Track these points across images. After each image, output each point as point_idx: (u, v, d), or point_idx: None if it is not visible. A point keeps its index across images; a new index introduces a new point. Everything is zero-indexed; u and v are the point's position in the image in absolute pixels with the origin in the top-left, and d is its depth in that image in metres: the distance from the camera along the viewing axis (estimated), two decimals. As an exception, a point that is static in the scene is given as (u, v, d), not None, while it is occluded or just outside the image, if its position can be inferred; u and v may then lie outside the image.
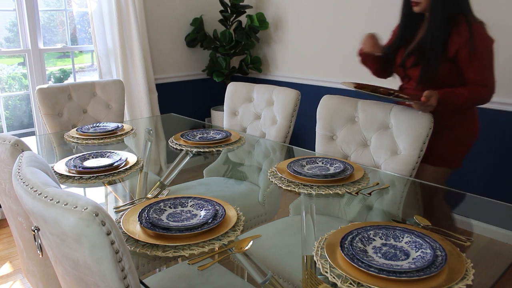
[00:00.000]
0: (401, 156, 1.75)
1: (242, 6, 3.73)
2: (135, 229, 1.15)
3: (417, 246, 1.04)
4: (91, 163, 1.66)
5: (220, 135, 2.06)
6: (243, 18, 3.87)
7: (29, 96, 3.25)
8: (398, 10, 1.94)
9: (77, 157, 1.71)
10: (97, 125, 2.27)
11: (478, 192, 1.50)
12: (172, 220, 1.19)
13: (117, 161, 1.66)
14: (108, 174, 1.59)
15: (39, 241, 0.95)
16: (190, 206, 1.28)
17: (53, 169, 1.61)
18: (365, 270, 0.94)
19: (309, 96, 3.40)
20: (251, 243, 1.12)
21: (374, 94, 1.77)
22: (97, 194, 1.54)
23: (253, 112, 2.41)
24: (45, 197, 0.81)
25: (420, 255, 1.01)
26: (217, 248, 1.10)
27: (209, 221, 1.17)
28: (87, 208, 0.76)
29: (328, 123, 1.98)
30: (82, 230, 0.76)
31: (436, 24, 1.76)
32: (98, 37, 3.38)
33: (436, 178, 1.88)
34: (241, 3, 3.74)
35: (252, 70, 3.97)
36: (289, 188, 1.49)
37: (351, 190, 1.46)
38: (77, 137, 2.13)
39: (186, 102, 4.08)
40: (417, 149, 1.71)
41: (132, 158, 1.74)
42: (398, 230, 1.11)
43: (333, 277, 0.95)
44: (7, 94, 3.26)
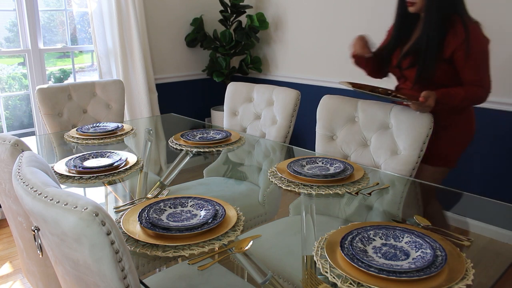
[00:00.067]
0: (401, 156, 1.75)
1: (242, 6, 3.73)
2: (135, 229, 1.15)
3: (417, 246, 1.04)
4: (91, 163, 1.66)
5: (220, 135, 2.06)
6: (243, 18, 3.87)
7: (29, 96, 3.25)
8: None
9: (77, 157, 1.71)
10: (97, 125, 2.27)
11: (478, 192, 1.50)
12: (172, 220, 1.20)
13: (117, 161, 1.66)
14: (108, 174, 1.59)
15: (39, 241, 0.95)
16: (190, 206, 1.28)
17: (53, 169, 1.61)
18: (365, 270, 0.94)
19: (309, 96, 3.40)
20: (251, 243, 1.13)
21: (372, 94, 1.77)
22: (97, 194, 1.54)
23: (253, 112, 2.41)
24: (45, 197, 0.81)
25: (420, 255, 1.01)
26: (217, 248, 1.10)
27: (209, 221, 1.17)
28: (87, 208, 0.76)
29: (328, 123, 1.98)
30: (82, 230, 0.76)
31: (432, 25, 1.75)
32: (98, 37, 3.38)
33: (434, 178, 1.89)
34: (241, 3, 3.74)
35: (252, 70, 3.97)
36: (289, 188, 1.49)
37: (351, 190, 1.46)
38: (77, 137, 2.13)
39: (186, 102, 4.08)
40: (417, 149, 1.71)
41: (132, 158, 1.74)
42: (398, 230, 1.11)
43: (333, 277, 0.96)
44: (7, 94, 3.26)
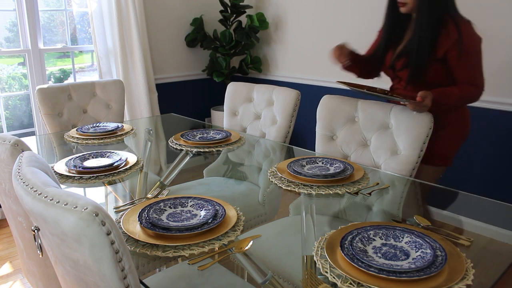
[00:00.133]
0: (401, 156, 1.75)
1: (242, 6, 3.73)
2: (135, 229, 1.15)
3: (417, 246, 1.04)
4: (91, 163, 1.66)
5: (220, 135, 2.06)
6: (243, 18, 3.87)
7: (29, 96, 3.25)
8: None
9: (77, 157, 1.71)
10: (97, 125, 2.27)
11: (478, 192, 1.50)
12: (172, 220, 1.19)
13: (117, 161, 1.66)
14: (108, 174, 1.59)
15: (39, 241, 0.95)
16: (190, 206, 1.28)
17: (53, 169, 1.61)
18: (365, 270, 0.94)
19: (309, 96, 3.40)
20: (251, 243, 1.12)
21: (370, 93, 1.77)
22: (97, 194, 1.54)
23: (253, 112, 2.41)
24: (45, 197, 0.81)
25: (420, 255, 1.01)
26: (217, 248, 1.10)
27: (209, 221, 1.17)
28: (87, 208, 0.76)
29: (328, 123, 1.98)
30: (82, 230, 0.76)
31: (423, 25, 1.74)
32: (98, 37, 3.38)
33: (433, 177, 1.89)
34: (241, 3, 3.74)
35: (252, 70, 3.97)
36: (289, 188, 1.49)
37: (351, 190, 1.46)
38: (77, 137, 2.13)
39: (186, 102, 4.08)
40: (417, 149, 1.71)
41: (132, 158, 1.74)
42: (398, 230, 1.11)
43: (333, 277, 0.95)
44: (7, 94, 3.26)
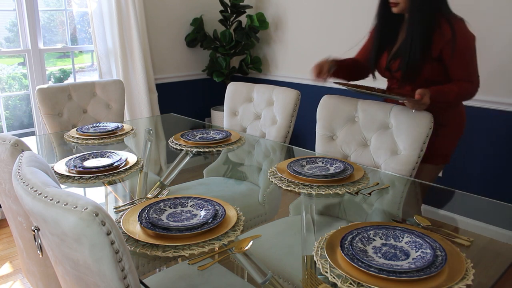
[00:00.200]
0: (401, 156, 1.75)
1: (242, 6, 3.73)
2: (135, 229, 1.15)
3: (417, 246, 1.04)
4: (91, 163, 1.66)
5: (220, 135, 2.06)
6: (243, 18, 3.87)
7: (29, 96, 3.25)
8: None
9: (77, 157, 1.71)
10: (97, 125, 2.27)
11: (478, 192, 1.50)
12: (172, 220, 1.19)
13: (117, 161, 1.66)
14: (108, 174, 1.59)
15: (39, 241, 0.95)
16: (190, 206, 1.28)
17: (53, 169, 1.61)
18: (365, 270, 0.94)
19: (309, 96, 3.40)
20: (251, 243, 1.12)
21: (369, 92, 1.77)
22: (97, 194, 1.54)
23: (253, 112, 2.41)
24: (45, 197, 0.81)
25: (420, 255, 1.01)
26: (217, 248, 1.10)
27: (209, 221, 1.17)
28: (87, 208, 0.76)
29: (328, 123, 1.98)
30: (82, 230, 0.76)
31: (416, 26, 1.73)
32: (98, 37, 3.38)
33: (431, 175, 1.89)
34: (241, 3, 3.74)
35: (252, 70, 3.96)
36: (289, 188, 1.49)
37: (351, 190, 1.46)
38: (77, 137, 2.13)
39: (186, 102, 4.08)
40: (417, 149, 1.71)
41: (132, 158, 1.74)
42: (398, 230, 1.11)
43: (333, 277, 0.95)
44: (7, 94, 3.26)
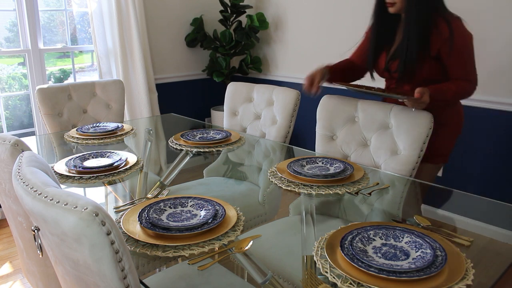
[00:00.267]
0: (401, 156, 1.75)
1: (242, 6, 3.73)
2: (135, 229, 1.15)
3: (417, 246, 1.04)
4: (91, 163, 1.66)
5: (220, 135, 2.06)
6: (243, 18, 3.87)
7: (29, 96, 3.25)
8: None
9: (77, 157, 1.71)
10: (97, 125, 2.27)
11: (478, 192, 1.50)
12: (172, 220, 1.19)
13: (117, 161, 1.66)
14: (108, 174, 1.59)
15: (39, 241, 0.95)
16: (190, 206, 1.28)
17: (53, 169, 1.61)
18: (365, 270, 0.94)
19: (309, 96, 3.39)
20: (251, 243, 1.12)
21: (368, 92, 1.77)
22: (97, 194, 1.54)
23: (253, 112, 2.41)
24: (45, 197, 0.81)
25: (420, 255, 1.01)
26: (217, 248, 1.10)
27: (209, 221, 1.17)
28: (87, 208, 0.76)
29: (328, 123, 1.98)
30: (82, 230, 0.76)
31: (413, 26, 1.72)
32: (98, 37, 3.38)
33: (430, 174, 1.89)
34: (241, 3, 3.74)
35: (252, 70, 3.96)
36: (289, 188, 1.49)
37: (351, 190, 1.46)
38: (77, 137, 2.13)
39: (186, 102, 4.08)
40: (417, 149, 1.71)
41: (132, 158, 1.74)
42: (398, 230, 1.11)
43: (333, 277, 0.95)
44: (7, 94, 3.26)
